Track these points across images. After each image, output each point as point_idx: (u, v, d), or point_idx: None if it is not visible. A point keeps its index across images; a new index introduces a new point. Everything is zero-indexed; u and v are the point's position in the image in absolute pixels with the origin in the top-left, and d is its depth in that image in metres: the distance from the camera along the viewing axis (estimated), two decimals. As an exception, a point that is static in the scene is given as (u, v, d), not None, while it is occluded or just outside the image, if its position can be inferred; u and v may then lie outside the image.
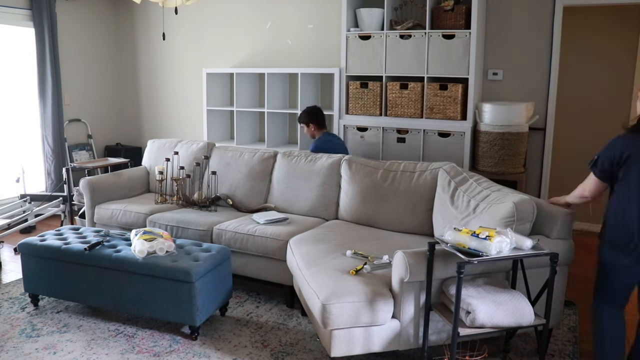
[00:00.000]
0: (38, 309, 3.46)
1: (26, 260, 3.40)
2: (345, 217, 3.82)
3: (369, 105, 4.63)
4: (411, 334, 2.62)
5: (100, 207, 4.23)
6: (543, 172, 4.68)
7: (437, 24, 4.35)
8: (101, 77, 6.43)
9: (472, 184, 3.23)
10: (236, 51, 5.76)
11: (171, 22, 6.06)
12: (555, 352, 2.94)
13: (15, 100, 5.63)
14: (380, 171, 3.74)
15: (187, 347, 2.99)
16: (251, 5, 5.60)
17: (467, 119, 4.33)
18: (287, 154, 4.16)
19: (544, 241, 2.74)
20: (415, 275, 2.52)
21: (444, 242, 2.47)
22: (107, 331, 3.16)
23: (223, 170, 4.32)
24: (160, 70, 6.29)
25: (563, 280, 2.84)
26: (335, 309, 2.49)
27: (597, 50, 5.05)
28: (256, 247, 3.51)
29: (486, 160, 4.31)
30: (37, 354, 2.91)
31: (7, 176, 5.57)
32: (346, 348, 2.55)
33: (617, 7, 4.91)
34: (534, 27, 4.53)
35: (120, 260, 3.11)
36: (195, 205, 4.20)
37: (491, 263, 2.63)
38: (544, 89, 4.58)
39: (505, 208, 2.73)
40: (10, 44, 5.51)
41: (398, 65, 4.49)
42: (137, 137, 6.62)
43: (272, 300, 3.62)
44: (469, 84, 4.29)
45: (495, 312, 2.36)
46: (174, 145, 4.67)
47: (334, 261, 2.94)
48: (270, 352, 2.93)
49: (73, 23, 6.01)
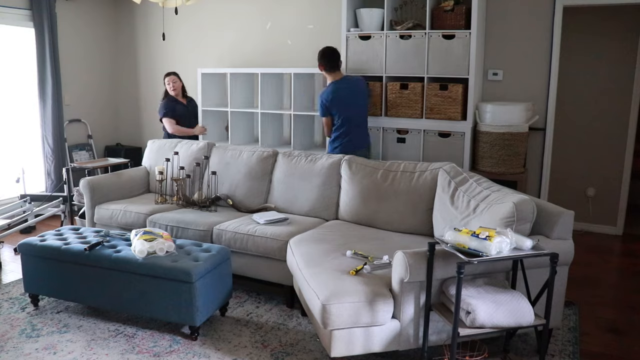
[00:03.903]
0: (38, 309, 3.46)
1: (26, 260, 3.40)
2: (345, 217, 3.82)
3: (369, 105, 4.63)
4: (411, 334, 2.62)
5: (100, 207, 4.23)
6: (543, 172, 4.68)
7: (437, 24, 4.36)
8: (101, 77, 6.43)
9: (472, 184, 3.23)
10: (236, 51, 5.75)
11: (171, 22, 6.06)
12: (555, 352, 2.94)
13: (15, 100, 5.63)
14: (380, 171, 3.74)
15: (187, 347, 2.99)
16: (251, 6, 5.60)
17: (467, 119, 4.33)
18: (287, 154, 4.16)
19: (544, 241, 2.74)
20: (415, 275, 2.52)
21: (444, 242, 2.47)
22: (107, 331, 3.16)
23: (223, 170, 4.32)
24: (160, 70, 6.28)
25: (563, 280, 2.84)
26: (335, 309, 2.49)
27: (597, 50, 5.05)
28: (256, 247, 3.51)
29: (486, 160, 4.31)
30: (37, 354, 2.91)
31: (7, 176, 5.57)
32: (346, 348, 2.55)
33: (617, 7, 4.91)
34: (534, 27, 4.53)
35: (120, 260, 3.11)
36: (195, 206, 4.20)
37: (491, 263, 2.63)
38: (544, 89, 4.58)
39: (505, 208, 2.73)
40: (10, 44, 5.51)
41: (398, 65, 4.49)
42: (137, 137, 6.62)
43: (272, 300, 3.62)
44: (469, 84, 4.29)
45: (495, 312, 2.36)
46: (174, 145, 4.67)
47: (334, 261, 2.94)
48: (270, 352, 2.93)
49: (73, 23, 6.01)
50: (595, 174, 5.20)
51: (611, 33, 4.98)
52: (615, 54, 4.99)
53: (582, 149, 5.23)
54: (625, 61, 4.95)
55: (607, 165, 5.14)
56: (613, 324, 3.31)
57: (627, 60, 4.94)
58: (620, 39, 4.95)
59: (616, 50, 4.98)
